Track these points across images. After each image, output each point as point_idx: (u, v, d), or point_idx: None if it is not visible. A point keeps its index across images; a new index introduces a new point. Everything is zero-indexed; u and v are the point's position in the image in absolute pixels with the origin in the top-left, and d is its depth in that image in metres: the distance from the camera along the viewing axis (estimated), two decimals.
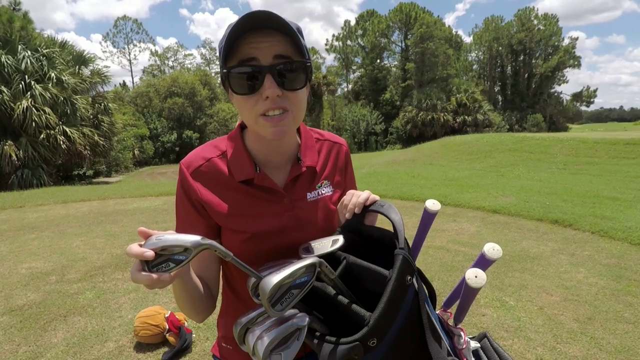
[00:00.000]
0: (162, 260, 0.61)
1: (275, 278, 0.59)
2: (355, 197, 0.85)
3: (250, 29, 0.71)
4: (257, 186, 0.85)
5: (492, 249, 0.78)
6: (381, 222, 0.76)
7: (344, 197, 0.89)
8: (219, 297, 0.94)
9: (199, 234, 0.87)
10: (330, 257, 0.77)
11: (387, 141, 40.47)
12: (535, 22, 46.08)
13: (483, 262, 0.79)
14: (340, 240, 0.77)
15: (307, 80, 0.77)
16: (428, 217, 0.88)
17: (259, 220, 0.85)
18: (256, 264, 0.85)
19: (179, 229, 0.87)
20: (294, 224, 0.86)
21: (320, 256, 0.69)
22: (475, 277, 0.73)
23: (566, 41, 46.54)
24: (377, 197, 0.85)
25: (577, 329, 2.75)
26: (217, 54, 0.79)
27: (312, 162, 0.90)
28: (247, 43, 0.72)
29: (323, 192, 0.92)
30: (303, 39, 0.76)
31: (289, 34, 0.72)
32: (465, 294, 0.80)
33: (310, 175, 0.91)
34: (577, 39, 46.73)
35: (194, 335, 2.78)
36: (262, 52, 0.72)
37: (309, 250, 0.78)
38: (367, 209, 0.85)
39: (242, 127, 0.92)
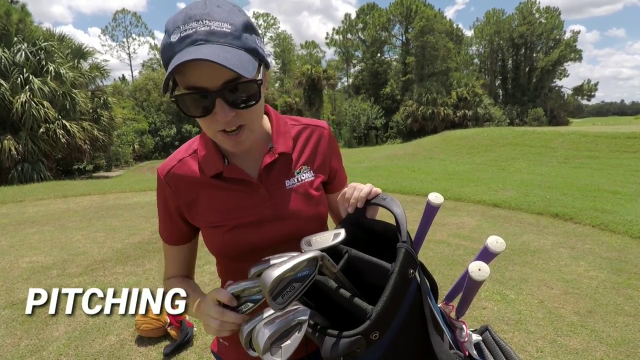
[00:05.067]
0: (241, 302, 0.70)
1: (276, 271, 0.58)
2: (357, 191, 0.84)
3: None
4: (228, 179, 0.84)
5: (495, 242, 0.77)
6: (383, 216, 0.75)
7: (346, 190, 0.87)
8: None
9: (173, 236, 0.92)
10: (332, 251, 0.77)
11: (387, 135, 40.29)
12: (537, 15, 45.56)
13: (486, 255, 0.78)
14: (342, 233, 0.77)
15: (259, 94, 0.73)
16: (431, 210, 0.88)
17: (235, 212, 0.85)
18: (238, 257, 0.86)
19: (160, 228, 0.94)
20: (272, 214, 0.85)
21: (322, 250, 0.68)
22: (479, 270, 0.73)
23: (568, 34, 46.14)
24: (379, 190, 0.84)
25: (577, 322, 2.75)
26: (160, 59, 0.76)
27: (285, 149, 0.88)
28: (192, 69, 0.67)
29: (303, 177, 0.90)
30: (253, 33, 0.72)
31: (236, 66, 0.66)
32: (468, 287, 0.79)
33: (287, 161, 0.89)
34: (578, 32, 46.34)
35: (195, 329, 2.79)
36: (209, 80, 0.68)
37: (310, 244, 0.77)
38: (369, 202, 0.84)
39: None
